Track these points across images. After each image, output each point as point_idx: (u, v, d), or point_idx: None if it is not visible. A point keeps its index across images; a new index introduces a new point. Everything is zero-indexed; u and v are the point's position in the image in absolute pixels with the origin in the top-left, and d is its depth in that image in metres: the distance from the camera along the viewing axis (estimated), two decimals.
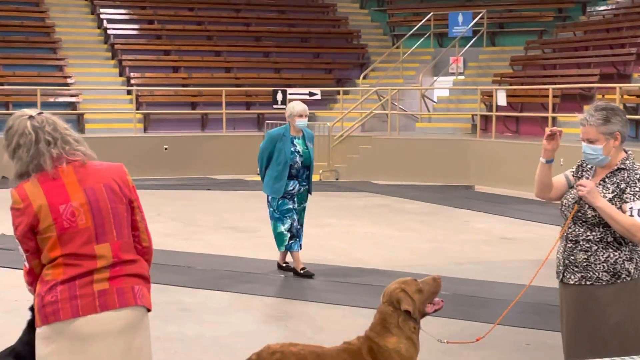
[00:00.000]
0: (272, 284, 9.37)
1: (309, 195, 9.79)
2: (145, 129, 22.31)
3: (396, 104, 21.87)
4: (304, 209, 9.78)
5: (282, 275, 9.69)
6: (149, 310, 3.88)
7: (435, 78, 24.31)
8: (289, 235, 9.58)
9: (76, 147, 3.82)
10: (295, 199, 9.62)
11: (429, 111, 22.95)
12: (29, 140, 3.73)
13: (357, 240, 11.98)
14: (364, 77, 24.30)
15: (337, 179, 20.06)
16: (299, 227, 9.66)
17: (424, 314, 4.52)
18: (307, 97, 22.66)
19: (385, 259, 10.62)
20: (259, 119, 23.35)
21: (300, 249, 9.71)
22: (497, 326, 5.06)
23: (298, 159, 9.54)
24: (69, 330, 3.64)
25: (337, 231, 12.77)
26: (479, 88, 20.68)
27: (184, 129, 22.55)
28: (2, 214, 13.78)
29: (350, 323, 7.59)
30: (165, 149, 20.70)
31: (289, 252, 9.75)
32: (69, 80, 22.85)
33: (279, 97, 21.85)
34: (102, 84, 23.39)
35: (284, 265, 9.86)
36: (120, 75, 23.99)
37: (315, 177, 20.02)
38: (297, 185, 9.59)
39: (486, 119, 20.75)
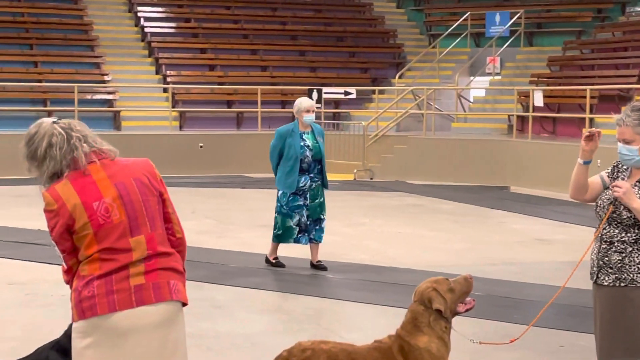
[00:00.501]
0: (305, 282, 9.37)
1: (325, 189, 9.85)
2: (180, 127, 22.41)
3: (432, 103, 21.79)
4: (319, 204, 9.78)
5: (316, 273, 9.69)
6: (184, 304, 3.89)
7: (471, 78, 24.21)
8: (297, 229, 9.70)
9: (102, 145, 3.87)
10: (308, 196, 9.69)
11: (465, 111, 22.86)
12: (60, 139, 3.77)
13: (390, 240, 11.96)
14: (400, 77, 24.25)
15: (371, 179, 20.04)
16: (308, 222, 9.71)
17: (455, 314, 4.50)
18: (342, 96, 22.69)
19: (419, 258, 10.59)
20: (294, 118, 23.34)
21: (318, 241, 9.79)
22: (530, 328, 5.03)
23: (308, 152, 9.65)
24: (106, 324, 3.66)
25: (370, 230, 12.76)
26: (516, 88, 20.55)
27: (219, 127, 22.64)
28: (39, 210, 13.97)
29: (382, 322, 7.57)
30: (201, 146, 20.78)
31: (283, 246, 9.95)
32: (106, 78, 23.02)
33: (314, 96, 21.85)
34: (139, 82, 23.55)
35: (274, 260, 9.96)
36: (157, 73, 24.13)
37: (349, 177, 20.09)
38: (309, 181, 9.69)
39: (522, 120, 20.60)
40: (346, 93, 22.48)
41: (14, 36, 23.39)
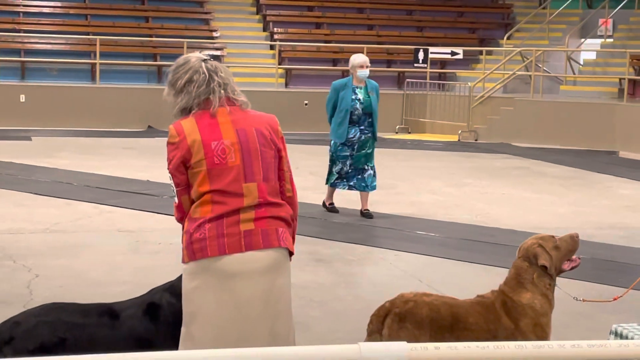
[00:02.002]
0: (407, 239, 9.41)
1: (375, 141, 10.51)
2: (286, 84, 22.57)
3: (540, 65, 21.41)
4: (365, 154, 10.40)
5: (419, 232, 9.71)
6: (291, 254, 3.96)
7: (582, 40, 23.65)
8: (337, 175, 10.43)
9: (239, 95, 3.97)
10: (356, 146, 10.30)
11: (574, 74, 22.38)
12: (202, 78, 3.89)
13: (493, 201, 11.88)
14: (508, 38, 23.87)
15: (476, 140, 19.87)
16: (349, 170, 10.36)
17: (560, 271, 4.47)
18: (448, 56, 22.47)
19: (522, 220, 10.50)
20: (399, 77, 23.28)
21: (361, 190, 10.43)
22: (637, 292, 4.96)
23: (359, 105, 10.28)
24: (215, 266, 3.75)
25: (474, 191, 12.69)
26: (628, 51, 20.02)
27: (324, 85, 22.67)
28: (148, 161, 14.36)
29: (483, 281, 7.56)
30: (306, 104, 20.91)
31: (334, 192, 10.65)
32: (214, 34, 23.30)
33: (420, 55, 21.72)
34: (246, 39, 23.76)
35: (329, 205, 10.61)
36: (264, 30, 24.30)
37: (453, 138, 19.96)
38: (358, 132, 10.31)
39: (634, 84, 20.09)
40: (453, 53, 22.25)
41: None
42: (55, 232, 9.21)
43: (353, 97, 10.27)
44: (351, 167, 10.36)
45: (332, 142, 10.40)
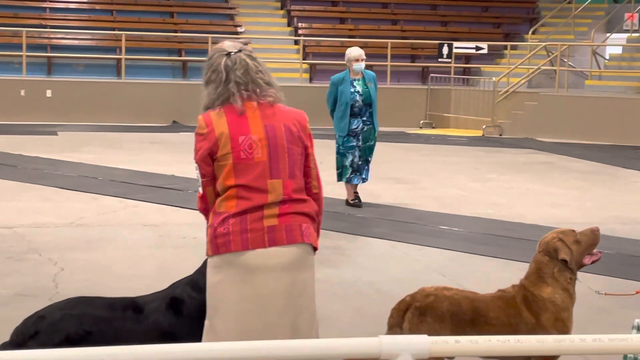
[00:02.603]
0: (430, 234, 9.41)
1: (376, 132, 10.65)
2: (310, 79, 22.59)
3: (565, 60, 21.31)
4: (369, 147, 10.62)
5: (442, 227, 9.72)
6: (315, 249, 3.97)
7: (608, 35, 23.52)
8: (351, 169, 10.59)
9: (266, 90, 3.91)
10: (360, 137, 10.54)
11: (599, 69, 22.26)
12: (219, 78, 3.88)
13: (517, 196, 11.86)
14: (534, 32, 23.77)
15: (500, 135, 19.82)
16: (359, 162, 10.55)
17: (580, 265, 4.47)
18: (473, 51, 22.40)
19: (546, 215, 10.47)
20: (424, 72, 23.24)
21: (363, 182, 10.69)
22: None
23: (358, 97, 10.47)
24: (238, 261, 3.78)
25: (498, 186, 12.67)
26: None
27: None
28: (172, 156, 14.42)
29: (506, 275, 7.53)
30: None
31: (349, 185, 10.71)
32: (239, 29, 23.35)
33: (445, 50, 21.67)
34: (271, 34, 23.79)
35: (351, 201, 10.68)
36: (289, 25, 24.33)
37: (478, 132, 19.91)
38: (361, 124, 10.55)
39: None
40: (477, 48, 22.19)
41: None
42: (81, 226, 9.30)
43: (352, 89, 10.51)
44: (360, 158, 10.59)
45: (337, 135, 10.65)
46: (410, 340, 2.56)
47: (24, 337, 3.84)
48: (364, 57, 10.67)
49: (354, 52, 10.64)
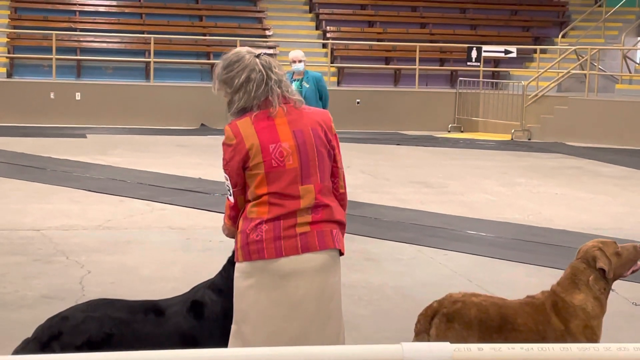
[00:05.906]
0: (457, 239, 9.35)
1: None
2: (338, 83, 22.58)
3: (595, 64, 21.15)
4: None
5: (470, 232, 9.65)
6: (342, 253, 3.95)
7: (638, 38, 23.32)
8: None
9: (292, 93, 3.90)
10: None
11: (630, 72, 22.07)
12: (260, 76, 3.81)
13: (546, 201, 11.76)
14: (563, 36, 23.62)
15: (529, 139, 19.69)
16: None
17: (617, 277, 4.39)
18: (502, 55, 22.30)
19: (575, 220, 10.38)
20: (452, 76, 23.16)
21: None
22: None
23: None
24: (271, 268, 3.75)
25: (526, 191, 12.57)
26: None
27: (376, 84, 22.67)
28: (200, 159, 14.46)
29: (533, 281, 7.49)
30: (358, 102, 20.90)
31: None
32: (267, 33, 23.39)
33: (474, 54, 21.58)
34: (299, 37, 23.81)
35: None
36: (317, 28, 24.34)
37: (506, 136, 19.79)
38: None
39: None
40: (506, 52, 22.07)
41: None
42: (108, 228, 9.32)
43: None
44: None
45: None
46: (433, 348, 2.52)
47: (48, 337, 3.85)
48: (302, 59, 10.74)
49: (292, 53, 10.79)
